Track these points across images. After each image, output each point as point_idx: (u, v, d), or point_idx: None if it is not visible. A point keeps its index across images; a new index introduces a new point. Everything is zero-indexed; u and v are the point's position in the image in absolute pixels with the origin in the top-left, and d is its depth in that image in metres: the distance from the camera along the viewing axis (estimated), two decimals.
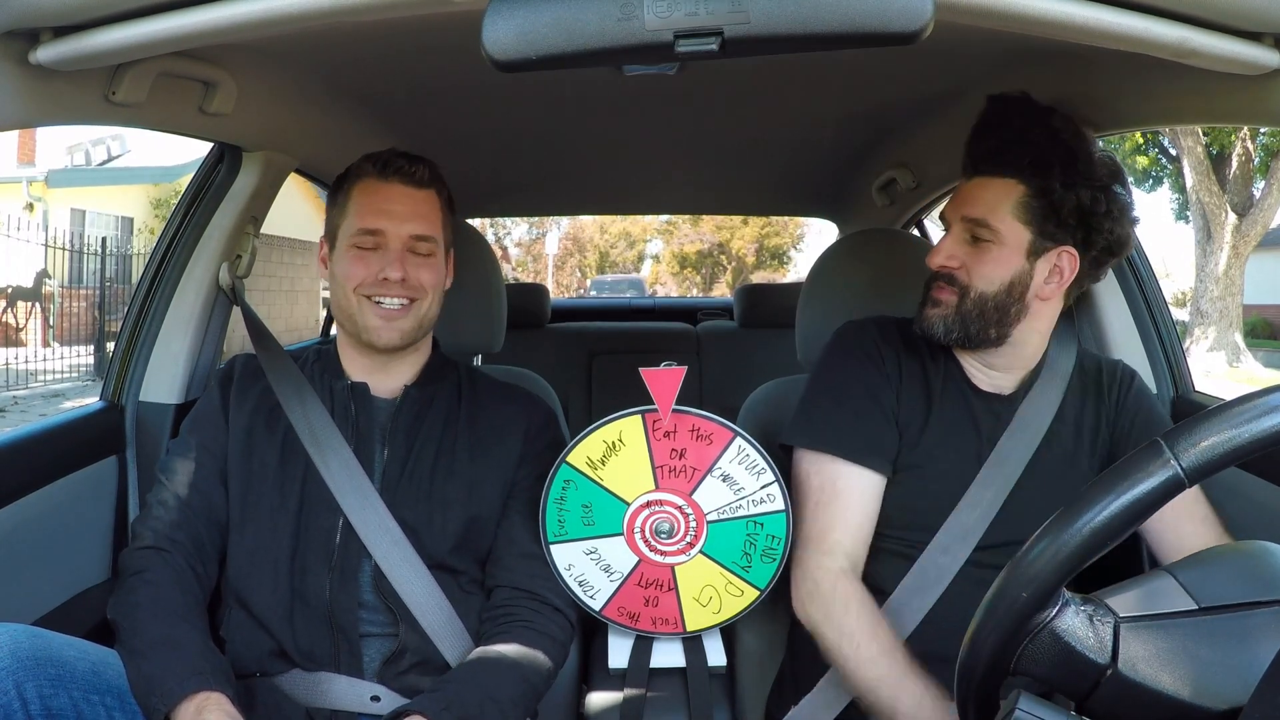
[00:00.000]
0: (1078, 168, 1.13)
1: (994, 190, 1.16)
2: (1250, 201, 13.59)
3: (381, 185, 1.25)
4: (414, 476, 1.25)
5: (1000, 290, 1.16)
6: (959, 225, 1.19)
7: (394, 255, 1.24)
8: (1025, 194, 1.14)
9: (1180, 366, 1.50)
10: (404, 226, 1.24)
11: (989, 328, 1.18)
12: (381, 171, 1.25)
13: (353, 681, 1.18)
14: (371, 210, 1.24)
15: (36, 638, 0.98)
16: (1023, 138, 1.15)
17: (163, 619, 1.09)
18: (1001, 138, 1.17)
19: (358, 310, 1.25)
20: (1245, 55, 0.84)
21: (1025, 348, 1.23)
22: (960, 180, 1.22)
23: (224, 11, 0.79)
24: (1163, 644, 0.64)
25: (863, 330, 1.31)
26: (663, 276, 28.92)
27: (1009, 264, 1.16)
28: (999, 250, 1.16)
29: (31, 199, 12.14)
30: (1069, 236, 1.15)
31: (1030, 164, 1.14)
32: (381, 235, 1.24)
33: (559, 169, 2.38)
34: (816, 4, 0.67)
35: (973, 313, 1.18)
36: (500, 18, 0.69)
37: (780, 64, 1.33)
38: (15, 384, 9.46)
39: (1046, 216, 1.14)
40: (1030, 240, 1.15)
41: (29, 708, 0.94)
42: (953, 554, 1.18)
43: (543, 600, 1.26)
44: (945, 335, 1.20)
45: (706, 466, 1.30)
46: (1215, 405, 0.63)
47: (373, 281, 1.24)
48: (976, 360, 1.25)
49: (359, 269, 1.24)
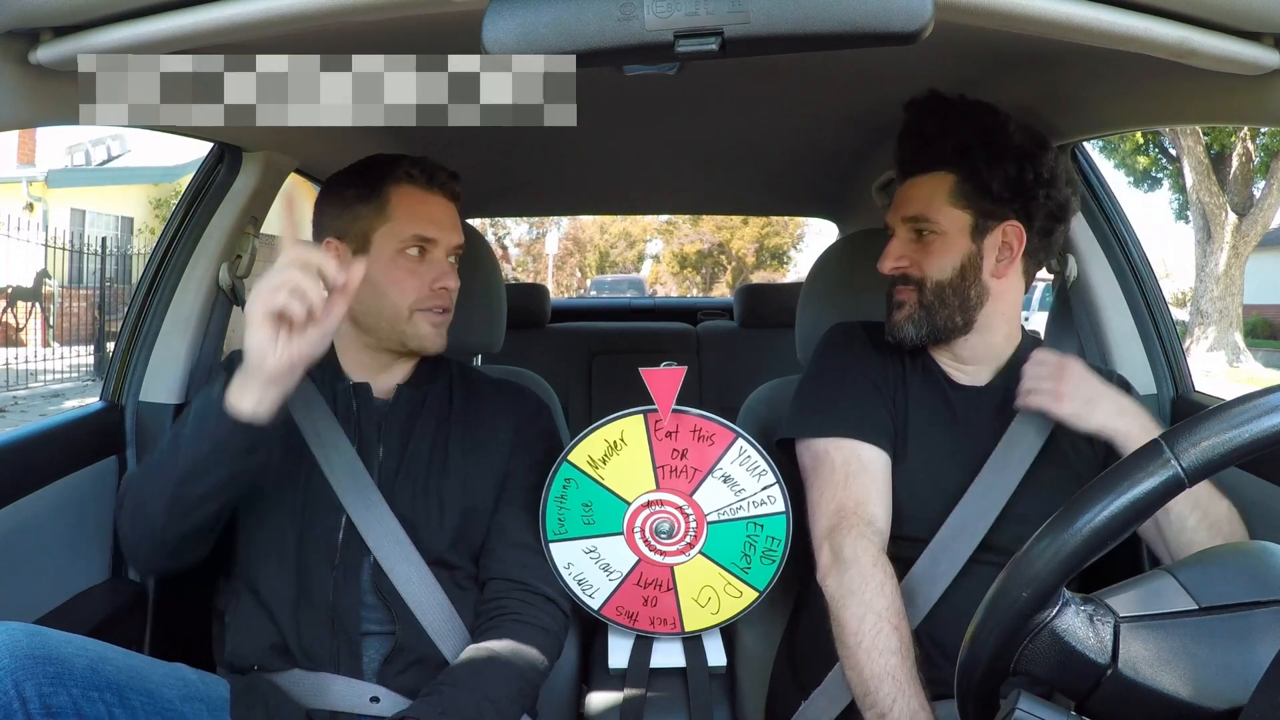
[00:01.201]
0: (998, 144, 1.18)
1: (926, 186, 1.22)
2: (1250, 201, 13.60)
3: (429, 195, 1.26)
4: (410, 473, 1.26)
5: (955, 275, 1.20)
6: (902, 228, 1.25)
7: (445, 265, 1.26)
8: (955, 181, 1.20)
9: (1180, 366, 1.50)
10: (452, 237, 1.27)
11: (954, 314, 1.21)
12: (429, 182, 1.26)
13: (352, 682, 1.18)
14: (424, 218, 1.24)
15: (35, 635, 0.98)
16: (941, 130, 1.21)
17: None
18: (921, 136, 1.23)
19: (408, 322, 1.25)
20: (1245, 55, 0.84)
21: (994, 334, 1.25)
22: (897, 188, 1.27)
23: (224, 11, 0.79)
24: (1163, 644, 0.64)
25: (851, 330, 1.35)
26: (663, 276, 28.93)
27: (956, 249, 1.20)
28: (942, 240, 1.20)
29: (31, 199, 12.16)
30: (1008, 210, 1.19)
31: (952, 151, 1.19)
32: (433, 244, 1.25)
33: (559, 169, 2.38)
34: (816, 4, 0.67)
35: (934, 303, 1.21)
36: (500, 18, 0.69)
37: (780, 64, 1.33)
38: (15, 384, 9.46)
39: (981, 196, 1.19)
40: (971, 222, 1.20)
41: (28, 706, 0.93)
42: (952, 556, 1.18)
43: (533, 590, 1.26)
44: (916, 334, 1.23)
45: (708, 467, 1.30)
46: (1215, 405, 0.64)
47: (429, 294, 1.24)
48: (949, 355, 1.27)
49: (413, 282, 1.24)
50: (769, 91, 1.57)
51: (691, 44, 0.69)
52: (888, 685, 1.04)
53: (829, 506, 1.19)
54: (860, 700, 1.07)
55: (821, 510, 1.20)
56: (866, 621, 1.08)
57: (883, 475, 1.21)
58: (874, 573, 1.11)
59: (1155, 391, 1.48)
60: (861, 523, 1.16)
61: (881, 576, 1.11)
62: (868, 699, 1.05)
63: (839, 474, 1.20)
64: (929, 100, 1.24)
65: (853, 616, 1.09)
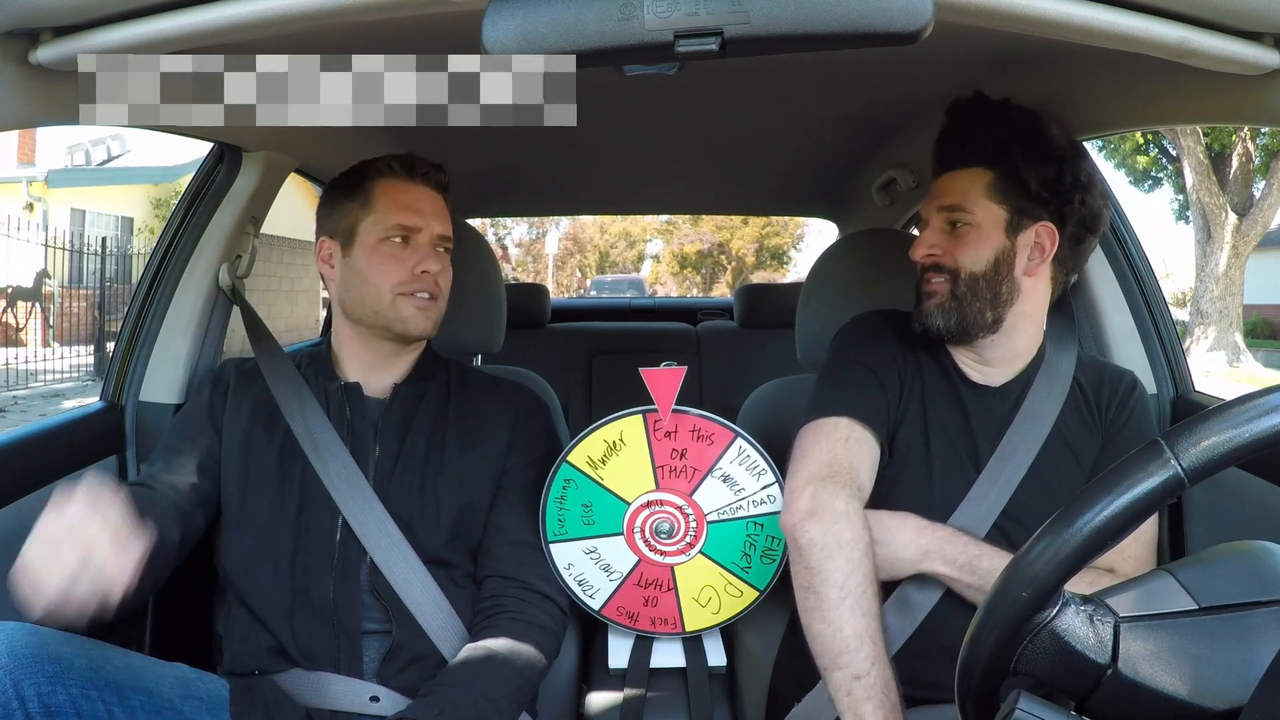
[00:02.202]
0: (1037, 145, 1.20)
1: (964, 179, 1.22)
2: (1250, 201, 13.59)
3: (410, 185, 1.28)
4: (406, 471, 1.26)
5: (988, 268, 1.20)
6: (936, 217, 1.24)
7: (427, 250, 1.27)
8: (993, 177, 1.20)
9: (1180, 366, 1.50)
10: (435, 225, 1.28)
11: (985, 309, 1.21)
12: (410, 172, 1.29)
13: (352, 682, 1.18)
14: (403, 207, 1.27)
15: (33, 635, 0.98)
16: (981, 129, 1.22)
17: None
18: (963, 134, 1.24)
19: (390, 306, 1.26)
20: (1245, 55, 0.84)
21: (1019, 337, 1.25)
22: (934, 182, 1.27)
23: (224, 11, 0.79)
24: (1163, 644, 0.64)
25: (867, 318, 1.35)
26: (663, 276, 28.93)
27: (990, 242, 1.20)
28: (978, 232, 1.21)
29: (31, 199, 12.14)
30: (1043, 210, 1.20)
31: (993, 149, 1.21)
32: (415, 232, 1.27)
33: (559, 169, 2.38)
34: (816, 4, 0.67)
35: (967, 295, 1.21)
36: (500, 18, 0.69)
37: (780, 64, 1.33)
38: (15, 384, 9.46)
39: (1017, 193, 1.20)
40: (1006, 218, 1.20)
41: (27, 705, 0.93)
42: None
43: (530, 588, 1.26)
44: (945, 324, 1.22)
45: (707, 467, 1.30)
46: (1216, 405, 0.63)
47: (410, 277, 1.26)
48: (970, 354, 1.27)
49: (394, 267, 1.26)
50: (769, 91, 1.57)
51: (691, 44, 0.69)
52: (868, 647, 1.02)
53: (822, 457, 1.16)
54: (832, 659, 1.04)
55: (812, 458, 1.16)
56: (854, 579, 1.06)
57: (872, 454, 1.21)
58: (863, 534, 1.09)
59: (1155, 392, 1.48)
60: (853, 484, 1.14)
61: (869, 539, 1.10)
62: (843, 658, 1.03)
63: (840, 435, 1.19)
64: (973, 100, 1.25)
65: (838, 570, 1.06)
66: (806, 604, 1.08)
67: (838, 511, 1.09)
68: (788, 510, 1.12)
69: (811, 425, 1.22)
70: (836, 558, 1.07)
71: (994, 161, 1.21)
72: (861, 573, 1.06)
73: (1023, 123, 1.22)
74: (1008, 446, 1.21)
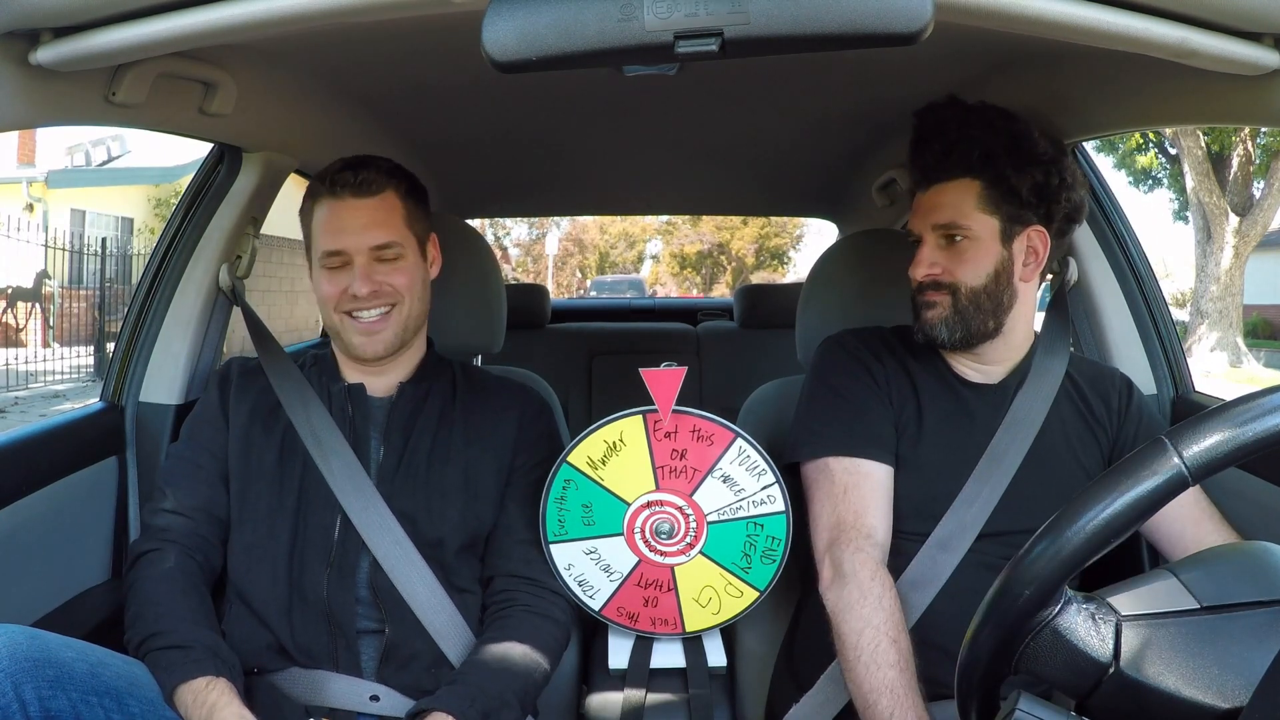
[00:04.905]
0: (1024, 151, 1.19)
1: (953, 192, 1.21)
2: (1250, 202, 13.58)
3: (334, 203, 1.25)
4: (410, 467, 1.26)
5: (989, 281, 1.21)
6: (931, 234, 1.23)
7: (360, 271, 1.24)
8: (982, 187, 1.20)
9: (1180, 367, 1.50)
10: (363, 239, 1.24)
11: (987, 320, 1.22)
12: (331, 188, 1.25)
13: (352, 680, 1.18)
14: (330, 230, 1.25)
15: (35, 639, 0.97)
16: (964, 137, 1.21)
17: (171, 616, 1.13)
18: (944, 143, 1.22)
19: (340, 326, 1.27)
20: (1245, 55, 0.84)
21: (1016, 336, 1.26)
22: (917, 194, 1.26)
23: (224, 12, 0.79)
24: (1164, 643, 0.64)
25: (842, 340, 1.34)
26: (662, 277, 28.92)
27: (989, 255, 1.20)
28: (976, 245, 1.20)
29: (31, 199, 12.14)
30: (1034, 215, 1.21)
31: (979, 158, 1.20)
32: (344, 254, 1.24)
33: (559, 169, 2.38)
34: (816, 4, 0.67)
35: (970, 309, 1.21)
36: (500, 18, 0.69)
37: (780, 64, 1.33)
38: (15, 384, 9.45)
39: (1009, 201, 1.20)
40: (1000, 227, 1.20)
41: (27, 709, 0.93)
42: (952, 549, 1.18)
43: (540, 584, 1.28)
44: (949, 336, 1.22)
45: (707, 467, 1.30)
46: (1218, 404, 0.63)
47: (345, 298, 1.25)
48: (968, 357, 1.27)
49: (331, 288, 1.26)
50: (769, 91, 1.57)
51: (691, 45, 0.69)
52: (886, 698, 1.05)
53: (828, 520, 1.20)
54: (861, 712, 1.09)
55: (821, 524, 1.21)
56: (865, 636, 1.09)
57: (882, 487, 1.21)
58: (871, 586, 1.12)
59: (1155, 392, 1.48)
60: (860, 536, 1.17)
61: (879, 590, 1.12)
62: (867, 711, 1.07)
63: (837, 486, 1.22)
64: (947, 106, 1.24)
65: (851, 630, 1.10)
66: (841, 664, 1.13)
67: (846, 574, 1.14)
68: (819, 581, 1.18)
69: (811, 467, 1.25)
70: (849, 619, 1.11)
71: (980, 171, 1.19)
72: (872, 627, 1.09)
73: (1006, 128, 1.20)
74: (997, 448, 1.22)
